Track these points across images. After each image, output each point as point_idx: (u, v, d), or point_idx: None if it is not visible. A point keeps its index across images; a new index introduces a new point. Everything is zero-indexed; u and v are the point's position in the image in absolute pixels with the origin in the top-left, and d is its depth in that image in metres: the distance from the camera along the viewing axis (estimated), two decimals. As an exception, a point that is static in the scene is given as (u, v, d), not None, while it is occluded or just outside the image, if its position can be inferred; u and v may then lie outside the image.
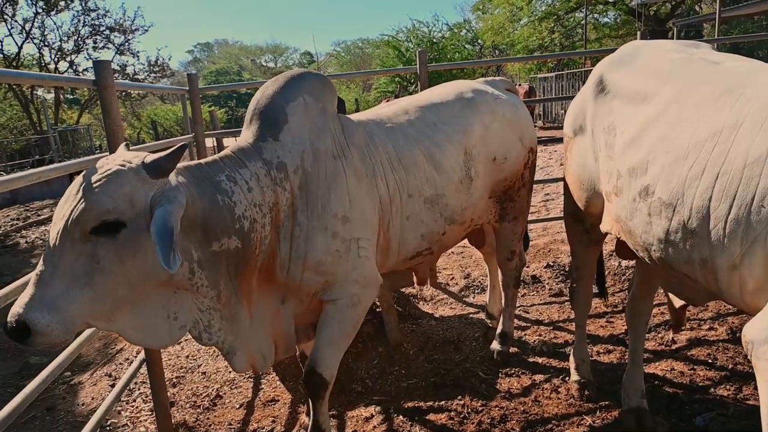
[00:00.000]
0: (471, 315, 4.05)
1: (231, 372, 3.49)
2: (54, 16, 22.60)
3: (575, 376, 2.92)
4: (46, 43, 22.96)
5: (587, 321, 3.72)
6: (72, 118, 26.97)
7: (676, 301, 2.42)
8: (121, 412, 3.19)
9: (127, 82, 19.44)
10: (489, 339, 3.51)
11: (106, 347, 4.17)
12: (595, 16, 26.93)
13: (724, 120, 1.61)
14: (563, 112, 18.94)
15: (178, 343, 3.95)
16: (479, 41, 29.34)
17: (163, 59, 26.04)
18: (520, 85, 19.22)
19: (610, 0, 25.60)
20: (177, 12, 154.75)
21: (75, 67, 23.81)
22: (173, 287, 1.83)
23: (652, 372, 3.01)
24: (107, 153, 2.51)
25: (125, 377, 2.77)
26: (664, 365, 3.09)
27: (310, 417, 2.41)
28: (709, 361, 3.09)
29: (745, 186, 1.49)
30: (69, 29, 23.27)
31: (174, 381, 3.45)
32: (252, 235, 1.98)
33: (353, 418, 2.89)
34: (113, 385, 3.48)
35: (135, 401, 3.30)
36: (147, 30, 24.78)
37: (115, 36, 24.13)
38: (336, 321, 2.26)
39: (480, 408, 2.84)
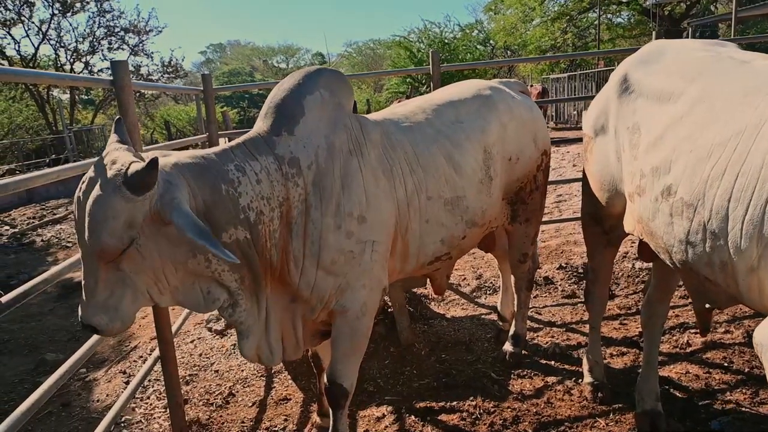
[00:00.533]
0: (483, 316, 4.04)
1: (243, 370, 3.51)
2: (70, 17, 22.87)
3: (588, 378, 2.90)
4: (62, 44, 23.26)
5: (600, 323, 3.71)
6: (87, 118, 27.28)
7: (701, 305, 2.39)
8: (136, 408, 3.22)
9: (143, 82, 19.62)
10: (501, 341, 3.49)
11: (120, 345, 4.21)
12: (609, 16, 26.72)
13: (748, 119, 1.58)
14: (576, 113, 18.81)
15: (191, 342, 3.99)
16: (491, 42, 29.26)
17: (177, 60, 26.28)
18: (532, 86, 19.13)
19: (623, 0, 25.38)
20: (190, 13, 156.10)
21: (90, 68, 24.08)
22: (194, 276, 1.90)
23: (666, 375, 2.98)
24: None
25: (139, 374, 2.79)
26: (678, 368, 3.06)
27: (328, 422, 2.41)
28: (725, 365, 3.05)
29: (762, 186, 1.47)
30: (84, 30, 23.56)
31: (187, 379, 3.47)
32: (260, 227, 1.97)
33: (365, 417, 2.90)
34: (128, 382, 3.51)
35: (149, 398, 3.33)
36: (161, 31, 25.01)
37: (130, 37, 24.39)
38: (348, 335, 2.25)
39: (492, 409, 2.84)
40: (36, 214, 11.38)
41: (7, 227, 9.85)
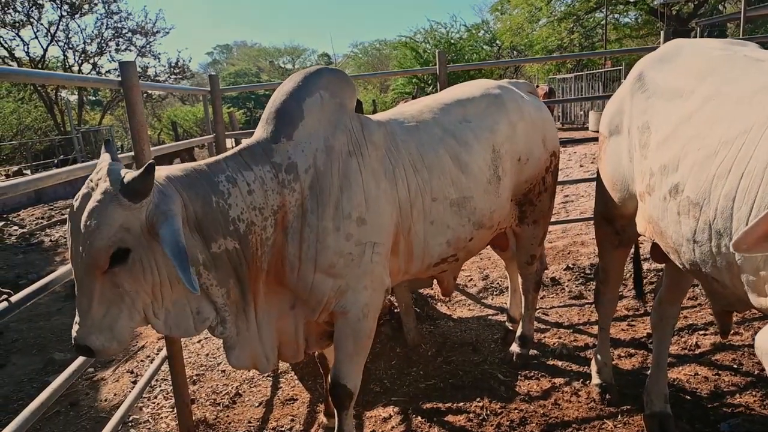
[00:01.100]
0: (489, 317, 4.03)
1: (250, 371, 3.52)
2: (78, 19, 23.09)
3: (596, 379, 2.88)
4: (70, 46, 23.46)
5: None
6: (94, 119, 27.49)
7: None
8: (143, 408, 3.24)
9: (151, 83, 19.74)
10: (508, 342, 3.48)
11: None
12: (616, 16, 26.58)
13: (755, 118, 1.56)
14: (583, 113, 18.75)
15: (198, 341, 4.00)
16: (497, 42, 29.16)
17: (183, 61, 26.45)
18: (539, 86, 19.07)
19: (631, 0, 25.26)
20: (197, 14, 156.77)
21: (98, 69, 24.27)
22: (185, 292, 1.87)
23: (675, 377, 2.96)
24: (130, 152, 2.56)
25: (147, 374, 2.80)
26: (687, 370, 3.04)
27: (335, 422, 2.41)
28: (734, 367, 3.03)
29: (766, 187, 1.44)
30: (92, 32, 23.81)
31: (194, 378, 3.49)
32: (250, 237, 1.95)
33: (372, 418, 2.90)
34: (135, 382, 3.53)
35: (156, 398, 3.34)
36: (168, 32, 25.22)
37: (137, 38, 24.60)
38: (350, 337, 2.24)
39: (499, 410, 2.82)
40: (44, 214, 11.47)
41: (16, 227, 9.92)
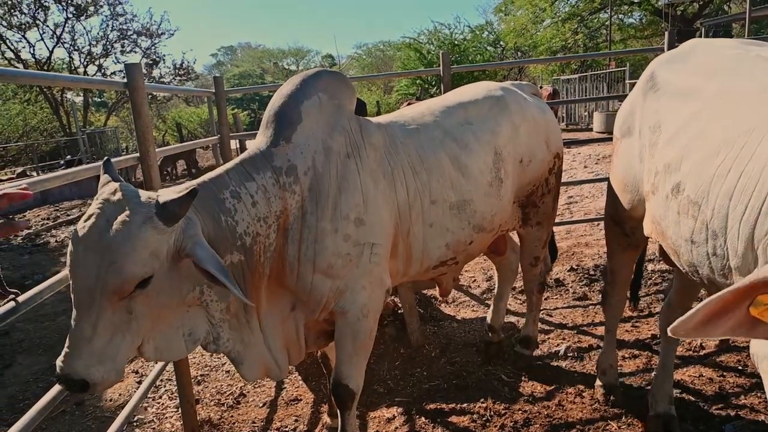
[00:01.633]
0: (493, 318, 4.02)
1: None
2: (84, 20, 23.22)
3: (601, 380, 2.87)
4: (75, 48, 23.60)
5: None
6: (100, 120, 27.61)
7: None
8: (148, 408, 3.25)
9: (156, 84, 19.81)
10: (489, 354, 3.36)
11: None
12: (620, 16, 26.48)
13: (759, 117, 1.54)
14: (587, 114, 18.69)
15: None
16: (501, 43, 29.13)
17: (188, 62, 26.57)
18: (542, 87, 19.03)
19: (635, 0, 25.18)
20: (202, 16, 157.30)
21: (103, 71, 24.39)
22: (186, 306, 1.84)
23: (680, 378, 2.95)
24: (135, 153, 2.58)
25: (152, 374, 2.81)
26: (692, 371, 3.03)
27: (337, 422, 2.41)
28: (739, 368, 3.02)
29: (761, 188, 1.41)
30: (98, 34, 23.93)
31: (199, 379, 3.50)
32: (254, 248, 1.95)
33: (375, 418, 2.90)
34: (140, 382, 3.54)
35: (161, 398, 3.36)
36: (173, 34, 25.38)
37: (142, 40, 24.72)
38: (350, 337, 2.24)
39: (503, 411, 2.82)
40: (50, 215, 11.52)
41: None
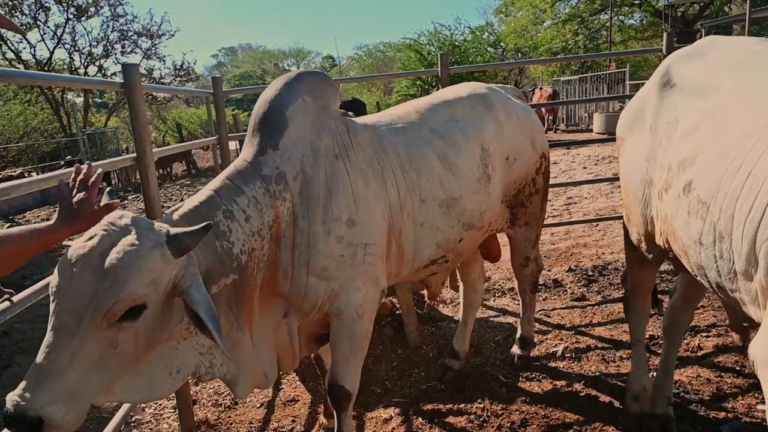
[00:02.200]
0: (491, 318, 4.03)
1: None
2: (84, 21, 23.24)
3: (632, 407, 2.59)
4: (76, 48, 23.62)
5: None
6: (100, 121, 27.63)
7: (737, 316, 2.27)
8: (145, 409, 3.25)
9: (154, 85, 19.84)
10: (445, 381, 3.15)
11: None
12: (620, 17, 26.50)
13: None
14: (587, 115, 18.70)
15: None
16: (501, 44, 29.15)
17: (188, 63, 26.56)
18: (542, 89, 19.04)
19: (635, 1, 25.20)
20: (203, 17, 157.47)
21: (104, 72, 24.40)
22: (175, 341, 1.75)
23: (678, 378, 2.94)
24: (134, 154, 2.58)
25: (149, 374, 2.81)
26: (690, 372, 3.03)
27: (334, 423, 2.41)
28: (737, 369, 3.01)
29: (767, 188, 1.38)
30: (98, 34, 23.93)
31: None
32: (249, 264, 1.91)
33: (372, 419, 2.90)
34: (137, 383, 3.54)
35: (158, 398, 3.35)
36: (173, 35, 25.35)
37: (143, 41, 24.73)
38: (346, 338, 2.23)
39: (500, 412, 2.82)
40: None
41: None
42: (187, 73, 26.53)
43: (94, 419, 3.24)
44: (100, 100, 30.67)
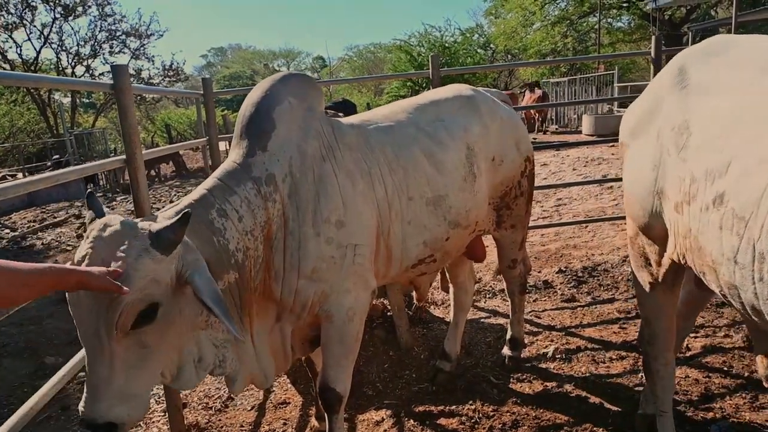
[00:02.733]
0: (482, 320, 4.04)
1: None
2: (72, 21, 23.02)
3: None
4: (63, 48, 23.39)
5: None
6: (88, 121, 27.35)
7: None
8: (134, 412, 3.22)
9: (143, 86, 19.68)
10: (436, 383, 3.15)
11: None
12: (609, 20, 26.74)
13: None
14: (576, 117, 18.83)
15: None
16: (491, 46, 29.27)
17: (178, 63, 26.39)
18: (533, 91, 19.13)
19: (624, 4, 25.43)
20: (192, 17, 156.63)
21: (91, 72, 24.19)
22: (194, 329, 1.83)
23: (665, 379, 2.98)
24: (123, 156, 2.56)
25: (139, 378, 2.79)
26: (678, 372, 3.05)
27: (325, 426, 2.40)
28: (725, 369, 3.05)
29: None
30: (86, 34, 23.72)
31: (186, 382, 3.47)
32: (246, 263, 1.96)
33: (364, 421, 2.90)
34: (127, 386, 3.51)
35: (148, 402, 3.32)
36: (162, 35, 25.22)
37: (131, 41, 24.55)
38: (336, 341, 2.23)
39: (491, 413, 2.83)
40: (36, 217, 11.40)
41: (8, 230, 9.86)
42: (177, 74, 26.37)
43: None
44: (87, 100, 30.39)
